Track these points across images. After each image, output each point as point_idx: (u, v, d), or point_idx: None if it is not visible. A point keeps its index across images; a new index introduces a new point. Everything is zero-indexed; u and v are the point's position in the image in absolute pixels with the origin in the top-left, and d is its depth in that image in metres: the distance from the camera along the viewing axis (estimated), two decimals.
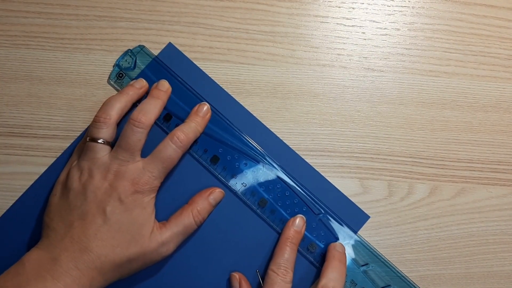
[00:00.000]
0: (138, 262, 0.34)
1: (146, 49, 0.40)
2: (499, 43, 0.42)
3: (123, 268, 0.33)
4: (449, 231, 0.40)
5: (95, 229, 0.33)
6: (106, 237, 0.33)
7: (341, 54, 0.41)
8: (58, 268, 0.31)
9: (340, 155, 0.40)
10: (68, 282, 0.31)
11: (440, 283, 0.39)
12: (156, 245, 0.34)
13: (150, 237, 0.34)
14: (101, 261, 0.32)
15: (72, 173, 0.35)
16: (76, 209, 0.33)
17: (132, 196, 0.34)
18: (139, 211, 0.34)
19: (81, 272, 0.31)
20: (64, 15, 0.40)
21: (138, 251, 0.33)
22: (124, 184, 0.33)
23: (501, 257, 0.40)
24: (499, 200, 0.41)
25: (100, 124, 0.35)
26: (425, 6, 0.42)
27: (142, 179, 0.34)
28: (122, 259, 0.33)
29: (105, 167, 0.34)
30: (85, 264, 0.32)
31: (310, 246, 0.38)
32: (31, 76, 0.39)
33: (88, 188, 0.34)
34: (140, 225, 0.34)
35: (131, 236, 0.33)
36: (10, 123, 0.39)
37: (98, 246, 0.32)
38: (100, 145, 0.35)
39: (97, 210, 0.33)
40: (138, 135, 0.34)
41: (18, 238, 0.37)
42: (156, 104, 0.37)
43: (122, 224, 0.33)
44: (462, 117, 0.41)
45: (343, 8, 0.42)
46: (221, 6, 0.41)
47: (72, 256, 0.32)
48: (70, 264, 0.31)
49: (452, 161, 0.41)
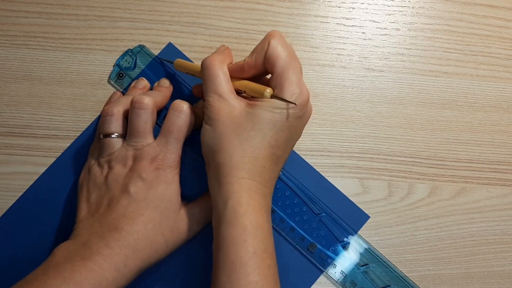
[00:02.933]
0: (172, 237, 0.33)
1: (146, 49, 0.40)
2: (499, 43, 0.42)
3: (158, 245, 0.32)
4: (449, 231, 0.40)
5: (122, 209, 0.32)
6: (134, 215, 0.32)
7: (341, 54, 0.41)
8: (88, 250, 0.30)
9: (340, 155, 0.40)
10: (99, 261, 0.29)
11: (440, 283, 0.39)
12: (188, 220, 0.34)
13: (180, 212, 0.34)
14: (133, 238, 0.31)
15: (93, 171, 0.35)
16: (101, 199, 0.33)
17: (154, 173, 0.33)
18: (164, 187, 0.33)
19: (113, 250, 0.30)
20: (64, 15, 0.40)
21: (171, 225, 0.33)
22: (144, 164, 0.33)
23: (501, 257, 0.40)
24: (499, 200, 0.41)
25: (109, 118, 0.35)
26: (425, 6, 0.42)
27: (159, 156, 0.34)
28: (155, 234, 0.32)
29: (122, 156, 0.34)
30: (116, 242, 0.30)
31: (310, 247, 0.38)
32: (31, 76, 0.39)
33: (110, 177, 0.34)
34: (168, 201, 0.33)
35: (161, 212, 0.33)
36: (10, 123, 0.39)
37: (128, 224, 0.31)
38: (114, 139, 0.35)
39: (121, 193, 0.33)
40: (143, 117, 0.34)
41: (18, 238, 0.37)
42: (158, 93, 0.37)
43: (149, 201, 0.33)
44: (462, 117, 0.41)
45: (343, 8, 0.42)
46: (221, 6, 0.41)
47: (102, 236, 0.31)
48: (100, 244, 0.30)
49: (452, 161, 0.41)
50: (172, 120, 0.34)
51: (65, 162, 0.38)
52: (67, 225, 0.37)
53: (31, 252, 0.37)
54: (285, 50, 0.32)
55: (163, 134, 0.34)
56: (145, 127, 0.34)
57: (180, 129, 0.34)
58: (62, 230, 0.38)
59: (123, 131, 0.35)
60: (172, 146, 0.34)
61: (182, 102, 0.34)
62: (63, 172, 0.38)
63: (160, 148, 0.34)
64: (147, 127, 0.34)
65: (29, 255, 0.37)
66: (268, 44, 0.32)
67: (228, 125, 0.31)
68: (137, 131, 0.34)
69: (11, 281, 0.37)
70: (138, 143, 0.34)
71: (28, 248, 0.37)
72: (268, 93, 0.31)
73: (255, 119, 0.31)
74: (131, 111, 0.34)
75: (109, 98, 0.39)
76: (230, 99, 0.32)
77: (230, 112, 0.32)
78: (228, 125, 0.31)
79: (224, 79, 0.32)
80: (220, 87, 0.32)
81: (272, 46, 0.32)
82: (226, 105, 0.32)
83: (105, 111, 0.35)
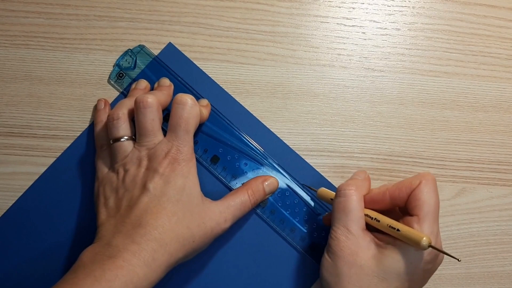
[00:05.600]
0: (198, 232, 0.33)
1: (146, 49, 0.40)
2: (499, 43, 0.42)
3: (185, 239, 0.32)
4: (449, 231, 0.40)
5: (144, 206, 0.32)
6: (157, 209, 0.32)
7: (341, 54, 0.41)
8: (114, 248, 0.30)
9: (340, 155, 0.40)
10: (127, 257, 0.29)
11: (441, 283, 0.39)
12: (214, 216, 0.34)
13: (204, 205, 0.34)
14: (159, 231, 0.31)
15: (108, 177, 0.35)
16: (120, 201, 0.33)
17: (169, 167, 0.33)
18: (182, 180, 0.33)
19: (140, 245, 0.30)
20: (64, 15, 0.40)
21: (195, 219, 0.32)
22: (158, 160, 0.33)
23: (502, 257, 0.40)
24: (499, 200, 0.40)
25: (116, 122, 0.35)
26: (425, 6, 0.42)
27: (172, 150, 0.33)
28: (180, 228, 0.32)
29: (136, 157, 0.34)
30: (142, 238, 0.30)
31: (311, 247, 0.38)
32: (31, 76, 0.39)
33: (127, 179, 0.33)
34: (188, 194, 0.33)
35: (183, 205, 0.32)
36: (9, 123, 0.39)
37: (152, 218, 0.31)
38: (125, 142, 0.35)
39: (140, 191, 0.33)
40: (149, 115, 0.34)
41: (18, 238, 0.37)
42: (160, 92, 0.36)
43: (170, 196, 0.32)
44: (462, 117, 0.41)
45: (343, 8, 0.42)
46: (221, 6, 0.41)
47: (127, 234, 0.30)
48: (126, 241, 0.30)
49: (452, 161, 0.41)
50: (178, 114, 0.34)
51: (65, 162, 0.38)
52: (67, 225, 0.38)
53: (31, 252, 0.37)
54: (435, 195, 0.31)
55: (171, 129, 0.34)
56: (153, 125, 0.34)
57: (188, 121, 0.34)
58: (62, 230, 0.37)
59: (131, 133, 0.35)
60: (183, 139, 0.34)
61: (185, 95, 0.34)
62: (63, 172, 0.38)
63: (172, 142, 0.33)
64: (155, 124, 0.34)
65: (29, 255, 0.37)
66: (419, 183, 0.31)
67: (351, 266, 0.30)
68: (146, 130, 0.34)
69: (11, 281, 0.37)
70: (149, 142, 0.34)
71: (28, 248, 0.37)
72: (426, 242, 0.28)
73: (381, 266, 0.30)
74: (137, 112, 0.34)
75: (96, 106, 0.39)
76: (360, 237, 0.31)
77: (356, 252, 0.30)
78: (351, 265, 0.30)
79: (358, 215, 0.31)
80: (353, 222, 0.31)
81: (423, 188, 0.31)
82: (354, 243, 0.31)
83: (111, 116, 0.35)
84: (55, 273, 0.37)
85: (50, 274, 0.37)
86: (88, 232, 0.37)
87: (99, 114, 0.38)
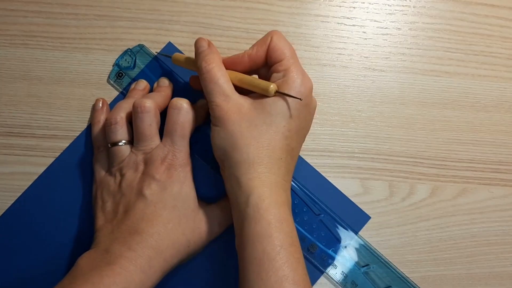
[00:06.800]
0: (193, 238, 0.33)
1: (145, 48, 0.40)
2: (501, 42, 0.42)
3: (180, 245, 0.32)
4: (450, 232, 0.40)
5: (140, 212, 0.32)
6: (153, 216, 0.32)
7: (342, 54, 0.41)
8: (111, 255, 0.30)
9: (341, 155, 0.40)
10: (124, 264, 0.29)
11: (442, 284, 0.39)
12: (208, 220, 0.34)
13: (200, 212, 0.34)
14: (154, 239, 0.31)
15: (105, 181, 0.35)
16: (117, 206, 0.33)
17: (166, 173, 0.33)
18: (178, 186, 0.33)
19: (136, 252, 0.30)
20: (63, 14, 0.40)
21: (191, 225, 0.33)
22: (155, 165, 0.33)
23: (503, 257, 0.40)
24: (500, 200, 0.40)
25: (114, 126, 0.35)
26: (426, 5, 0.42)
27: (168, 156, 0.33)
28: (176, 234, 0.32)
29: (133, 162, 0.34)
30: (138, 245, 0.30)
31: (311, 247, 0.38)
32: (30, 75, 0.39)
33: (123, 184, 0.34)
34: (184, 199, 0.33)
35: (179, 211, 0.33)
36: (9, 123, 0.39)
37: (148, 225, 0.31)
38: (123, 147, 0.35)
39: (136, 197, 0.33)
40: (147, 120, 0.34)
41: (18, 238, 0.37)
42: (159, 94, 0.37)
43: (166, 202, 0.33)
44: (463, 117, 0.41)
45: (343, 7, 0.42)
46: (221, 6, 0.41)
47: (124, 241, 0.31)
48: (123, 248, 0.30)
49: (453, 161, 0.41)
50: (173, 119, 0.34)
51: (64, 162, 0.38)
52: (67, 225, 0.37)
53: (30, 252, 0.37)
54: (288, 43, 0.33)
55: (167, 134, 0.34)
56: (150, 130, 0.34)
57: (183, 126, 0.34)
58: (61, 229, 0.37)
59: (129, 137, 0.35)
60: (179, 144, 0.34)
61: (180, 99, 0.34)
62: (62, 172, 0.38)
63: (168, 148, 0.34)
64: (152, 129, 0.34)
65: (28, 255, 0.37)
66: (271, 38, 0.32)
67: (239, 123, 0.31)
68: (143, 135, 0.34)
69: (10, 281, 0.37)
70: (146, 147, 0.34)
71: (27, 248, 0.37)
72: (272, 89, 0.31)
73: (265, 113, 0.31)
74: (135, 116, 0.34)
75: (93, 106, 0.39)
76: (236, 97, 0.32)
77: (238, 110, 0.32)
78: (239, 123, 0.31)
79: (225, 80, 0.32)
80: (224, 88, 0.32)
81: (276, 39, 0.32)
82: (233, 104, 0.32)
83: (109, 120, 0.35)
84: (54, 273, 0.37)
85: (49, 274, 0.37)
86: (86, 231, 0.37)
87: (97, 115, 0.38)
